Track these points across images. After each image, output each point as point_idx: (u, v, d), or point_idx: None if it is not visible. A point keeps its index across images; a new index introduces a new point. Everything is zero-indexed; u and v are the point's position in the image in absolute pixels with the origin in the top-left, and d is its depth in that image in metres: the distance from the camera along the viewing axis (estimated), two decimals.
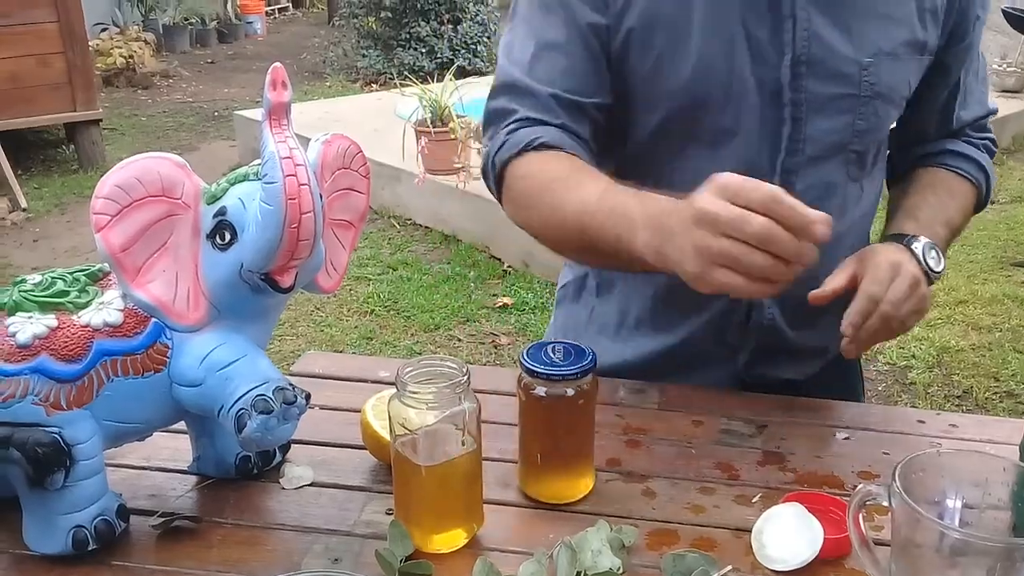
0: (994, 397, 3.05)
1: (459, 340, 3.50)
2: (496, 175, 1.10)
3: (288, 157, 0.80)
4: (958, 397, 3.06)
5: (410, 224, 4.61)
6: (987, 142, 1.23)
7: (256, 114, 5.90)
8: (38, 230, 4.75)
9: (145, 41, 8.60)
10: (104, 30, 8.76)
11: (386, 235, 4.47)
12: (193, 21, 10.28)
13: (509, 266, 4.08)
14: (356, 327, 3.60)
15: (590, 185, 0.99)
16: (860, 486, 0.77)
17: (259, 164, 0.82)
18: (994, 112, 1.25)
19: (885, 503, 0.75)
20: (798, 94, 1.04)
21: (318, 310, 3.73)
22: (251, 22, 11.01)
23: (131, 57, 8.18)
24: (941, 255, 1.06)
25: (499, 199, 1.13)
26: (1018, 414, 2.89)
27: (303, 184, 0.80)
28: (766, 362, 1.17)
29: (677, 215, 0.85)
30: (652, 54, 1.06)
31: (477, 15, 8.35)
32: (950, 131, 1.21)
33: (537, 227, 1.08)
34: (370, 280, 3.99)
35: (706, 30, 1.03)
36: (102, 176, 0.84)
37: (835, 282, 1.00)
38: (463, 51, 8.11)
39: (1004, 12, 2.30)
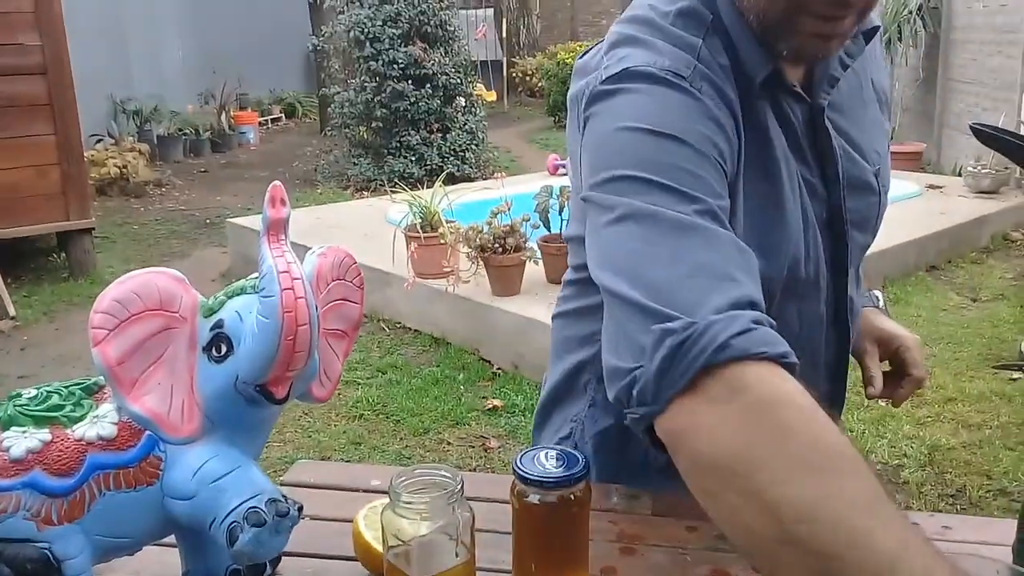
0: (988, 495, 3.03)
1: (449, 443, 3.47)
2: (707, 359, 0.73)
3: (286, 271, 0.82)
4: (952, 496, 3.04)
5: (400, 327, 4.63)
6: None
7: (248, 221, 5.98)
8: (26, 338, 4.74)
9: (139, 151, 8.77)
10: (99, 141, 8.95)
11: (376, 338, 4.48)
12: (187, 132, 10.51)
13: (499, 368, 4.08)
14: (345, 432, 3.57)
15: (851, 482, 0.67)
16: None
17: (256, 278, 0.85)
18: None
19: None
20: (848, 215, 1.09)
21: (306, 415, 3.70)
22: (244, 132, 11.26)
23: (125, 167, 8.32)
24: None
25: (663, 406, 0.75)
26: (1012, 512, 2.85)
27: (300, 297, 0.82)
28: None
29: None
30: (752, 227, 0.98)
31: (466, 124, 8.59)
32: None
33: (750, 500, 0.67)
34: (359, 384, 3.98)
35: (772, 179, 1.01)
36: (92, 284, 0.87)
37: (878, 372, 1.21)
38: (452, 158, 8.30)
39: (972, 128, 2.40)
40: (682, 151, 0.87)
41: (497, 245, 4.06)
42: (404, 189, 4.87)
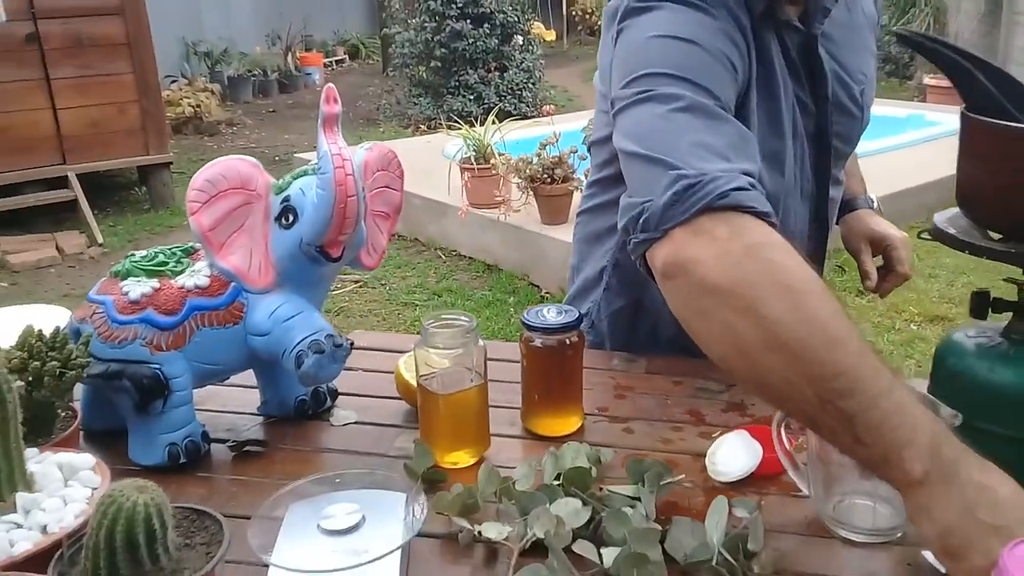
0: None
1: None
2: (694, 208, 0.86)
3: (338, 154, 1.03)
4: None
5: (454, 255, 4.87)
6: None
7: (314, 156, 6.26)
8: (112, 263, 5.09)
9: (211, 92, 9.11)
10: (174, 82, 9.30)
11: (432, 265, 4.73)
12: (256, 73, 10.82)
13: (547, 292, 4.30)
14: None
15: (853, 342, 0.79)
16: None
17: (316, 162, 1.06)
18: None
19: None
20: (834, 128, 1.26)
21: (370, 332, 3.98)
22: (310, 73, 11.52)
23: (198, 107, 8.67)
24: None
25: (663, 233, 0.88)
26: None
27: (349, 174, 1.03)
28: None
29: (996, 507, 0.73)
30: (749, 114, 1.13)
31: (522, 63, 8.70)
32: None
33: (744, 315, 0.80)
34: (417, 306, 4.24)
35: (774, 97, 1.17)
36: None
37: (872, 268, 1.38)
38: (509, 96, 8.44)
39: (897, 35, 1.27)
40: (703, 55, 1.00)
41: (546, 175, 4.25)
42: (461, 126, 5.07)
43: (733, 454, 1.05)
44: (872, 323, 3.80)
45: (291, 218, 1.07)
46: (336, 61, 12.82)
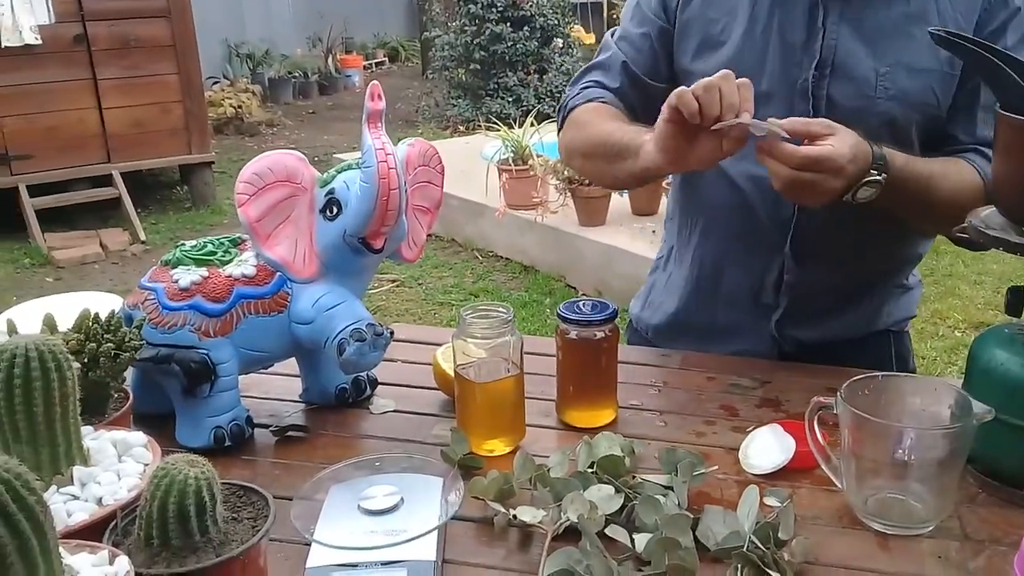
0: None
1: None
2: (564, 114, 1.45)
3: (381, 148, 1.07)
4: None
5: (491, 256, 4.91)
6: None
7: (354, 158, 6.33)
8: (155, 261, 5.18)
9: (252, 93, 9.25)
10: (216, 83, 9.46)
11: (469, 265, 4.77)
12: (296, 74, 10.96)
13: (583, 294, 4.32)
14: None
15: (621, 122, 1.34)
16: (816, 398, 0.98)
17: (360, 156, 1.10)
18: None
19: (835, 411, 0.96)
20: (820, 92, 1.26)
21: (408, 325, 4.02)
22: (349, 75, 11.65)
23: (240, 107, 8.81)
24: (874, 195, 1.15)
25: (559, 130, 1.49)
26: None
27: (391, 168, 1.06)
28: (798, 322, 1.37)
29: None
30: (692, 48, 1.34)
31: (562, 65, 8.72)
32: (973, 144, 1.28)
33: (577, 142, 1.41)
34: (453, 305, 4.28)
35: (746, 32, 1.28)
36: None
37: (803, 127, 1.13)
38: (548, 99, 8.47)
39: (930, 33, 0.99)
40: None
41: (583, 177, 4.26)
42: (500, 127, 5.10)
43: (766, 447, 1.06)
44: (916, 330, 3.76)
45: (335, 210, 1.11)
46: (376, 63, 12.94)
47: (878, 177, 1.14)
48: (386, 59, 13.28)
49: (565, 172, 4.27)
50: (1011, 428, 0.96)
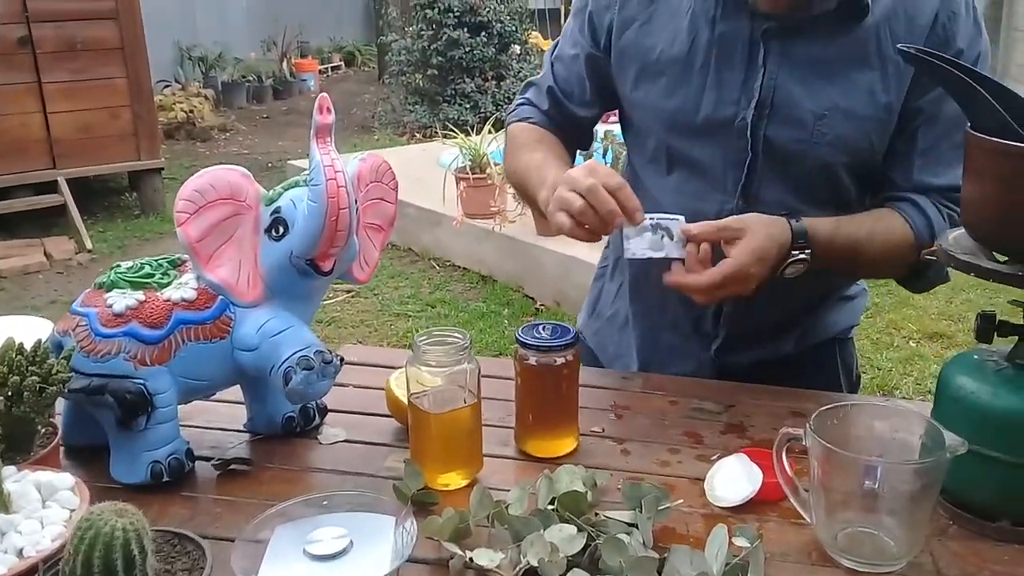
0: None
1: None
2: (507, 129, 1.50)
3: (330, 165, 1.01)
4: None
5: (448, 265, 4.84)
6: (953, 213, 1.23)
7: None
8: (101, 270, 5.01)
9: (205, 97, 9.07)
10: (167, 87, 9.26)
11: (426, 275, 4.70)
12: (250, 79, 10.78)
13: (541, 304, 4.28)
14: None
15: (539, 153, 1.35)
16: (784, 429, 0.94)
17: (307, 172, 1.04)
18: None
19: (804, 443, 0.92)
20: (758, 133, 1.23)
21: (360, 343, 3.95)
22: (305, 79, 11.49)
23: (191, 112, 8.63)
24: (802, 271, 1.17)
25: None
26: None
27: (341, 186, 1.01)
28: (739, 349, 1.35)
29: (561, 177, 1.17)
30: (631, 76, 1.31)
31: (520, 72, 8.68)
32: (912, 187, 1.25)
33: (507, 169, 1.45)
34: (410, 316, 4.21)
35: (684, 64, 1.25)
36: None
37: (708, 229, 1.15)
38: (506, 106, 8.41)
39: (899, 50, 0.97)
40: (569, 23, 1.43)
41: None
42: (457, 134, 5.05)
43: (732, 479, 1.02)
44: (871, 340, 3.78)
45: (281, 230, 1.05)
46: (332, 68, 12.80)
47: (802, 256, 1.17)
48: (342, 63, 13.14)
49: None
50: (982, 458, 0.94)
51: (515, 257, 4.45)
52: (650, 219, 1.14)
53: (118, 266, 1.09)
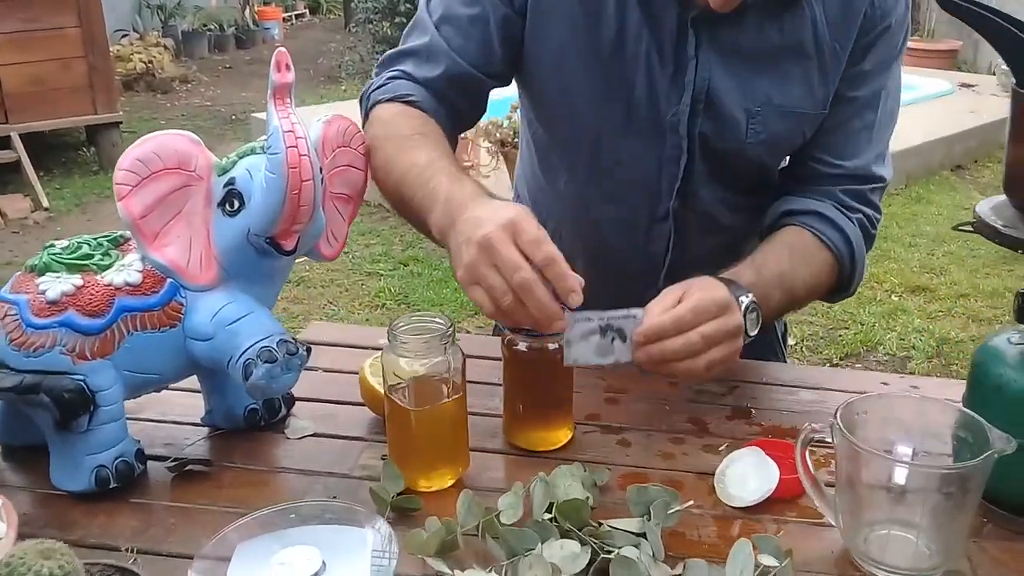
0: None
1: (468, 332, 3.58)
2: (366, 109, 1.19)
3: (290, 131, 0.88)
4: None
5: None
6: (863, 216, 1.17)
7: None
8: (59, 229, 4.87)
9: (164, 47, 8.73)
10: (124, 36, 8.91)
11: (397, 232, 4.56)
12: (211, 27, 10.41)
13: None
14: (367, 320, 3.69)
15: (423, 152, 1.06)
16: (806, 425, 0.84)
17: (265, 139, 0.91)
18: (880, 180, 1.18)
19: (829, 439, 0.83)
20: (693, 131, 1.12)
21: (331, 304, 3.82)
22: (268, 28, 11.13)
23: (150, 62, 8.31)
24: (759, 319, 1.02)
25: (362, 123, 1.20)
26: None
27: (303, 155, 0.88)
28: None
29: (470, 222, 0.89)
30: (552, 51, 1.13)
31: None
32: (821, 174, 1.17)
33: (375, 169, 1.10)
34: (382, 275, 4.08)
35: (615, 49, 1.10)
36: None
37: (661, 304, 0.96)
38: None
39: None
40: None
41: (517, 139, 4.08)
42: None
43: (745, 474, 0.92)
44: (855, 295, 3.72)
45: (236, 204, 0.92)
46: (296, 15, 12.42)
47: (749, 299, 1.00)
48: (307, 11, 12.75)
49: (497, 134, 4.08)
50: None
51: None
52: (599, 319, 0.91)
53: (52, 245, 0.96)
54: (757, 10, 1.07)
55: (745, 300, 1.00)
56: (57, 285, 0.91)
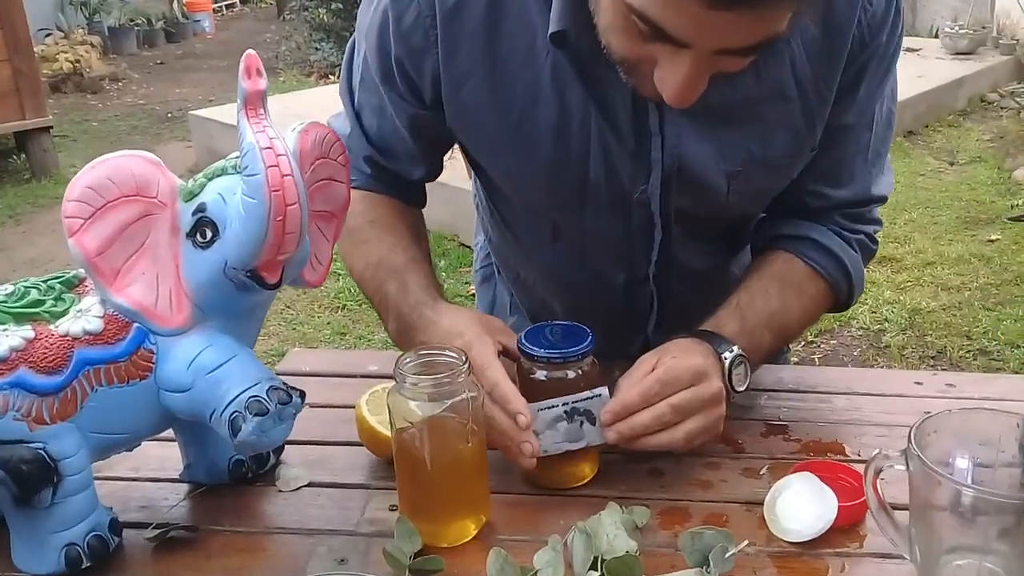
0: (967, 355, 3.09)
1: None
2: None
3: (269, 147, 0.76)
4: (932, 358, 3.10)
5: None
6: (863, 236, 1.08)
7: (211, 113, 5.80)
8: None
9: (91, 44, 8.40)
10: (48, 35, 8.54)
11: None
12: (139, 22, 10.07)
13: None
14: (329, 323, 3.56)
15: (374, 247, 1.06)
16: (876, 452, 0.75)
17: (237, 157, 0.79)
18: (880, 200, 1.09)
19: (900, 466, 0.74)
20: (667, 205, 1.01)
21: (288, 308, 3.67)
22: (199, 20, 10.80)
23: (78, 62, 7.98)
24: (748, 372, 0.95)
25: None
26: (992, 370, 2.93)
27: (286, 175, 0.77)
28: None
29: (423, 338, 0.94)
30: (484, 144, 1.02)
31: None
32: (812, 208, 1.06)
33: (343, 257, 1.12)
34: (340, 275, 3.92)
35: (558, 138, 0.96)
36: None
37: (633, 378, 0.90)
38: None
39: None
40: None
41: None
42: None
43: (798, 504, 0.84)
44: None
45: (209, 234, 0.80)
46: (226, 6, 12.10)
47: (735, 354, 0.93)
48: (237, 1, 12.41)
49: None
50: None
51: (447, 204, 4.18)
52: (563, 404, 0.86)
53: None
54: None
55: (729, 356, 0.93)
56: (4, 340, 0.78)
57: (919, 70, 5.98)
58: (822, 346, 3.21)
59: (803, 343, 3.21)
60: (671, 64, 0.76)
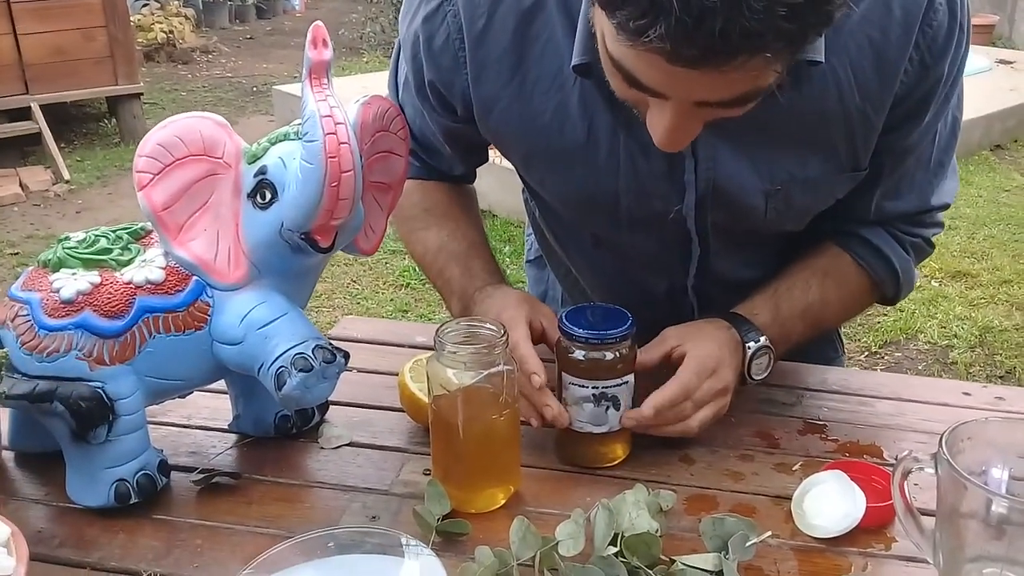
0: None
1: None
2: None
3: (328, 115, 0.79)
4: (1000, 377, 3.01)
5: None
6: (920, 240, 1.07)
7: (294, 89, 5.92)
8: (80, 202, 4.81)
9: (185, 17, 8.64)
10: (145, 5, 8.81)
11: None
12: None
13: None
14: (392, 300, 3.62)
15: (433, 234, 1.12)
16: (905, 453, 0.75)
17: (299, 123, 0.82)
18: (942, 207, 1.06)
19: (930, 470, 0.74)
20: (703, 224, 1.00)
21: (354, 283, 3.75)
22: None
23: (171, 32, 8.22)
24: (771, 362, 0.98)
25: None
26: None
27: (343, 142, 0.79)
28: None
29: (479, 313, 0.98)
30: (517, 162, 1.05)
31: None
32: (870, 220, 1.04)
33: (403, 240, 1.18)
34: (405, 254, 3.99)
35: (587, 162, 0.96)
36: None
37: (651, 355, 0.94)
38: None
39: None
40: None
41: None
42: None
43: (827, 501, 0.84)
44: None
45: (268, 196, 0.84)
46: None
47: (760, 344, 0.96)
48: None
49: None
50: None
51: (516, 191, 4.21)
52: (593, 388, 0.88)
53: (66, 239, 0.88)
54: None
55: (753, 346, 0.96)
56: (72, 283, 0.83)
57: (1012, 83, 5.76)
58: (886, 358, 3.14)
59: (867, 354, 3.15)
60: (656, 111, 0.77)
